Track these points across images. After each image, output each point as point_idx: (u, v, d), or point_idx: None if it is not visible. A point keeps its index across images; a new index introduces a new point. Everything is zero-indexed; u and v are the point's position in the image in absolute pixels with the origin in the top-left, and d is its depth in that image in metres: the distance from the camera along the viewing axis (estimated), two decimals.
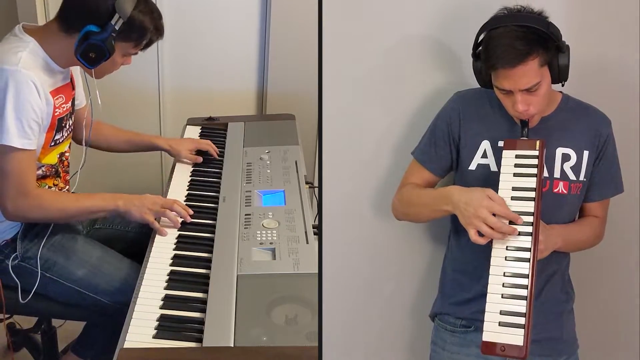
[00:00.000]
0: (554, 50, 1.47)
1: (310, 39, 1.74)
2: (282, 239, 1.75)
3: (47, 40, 1.79)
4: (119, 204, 1.85)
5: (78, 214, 1.86)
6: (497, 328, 1.40)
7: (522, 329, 1.38)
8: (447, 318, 1.68)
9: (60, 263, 1.84)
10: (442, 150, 1.64)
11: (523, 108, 1.47)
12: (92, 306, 1.84)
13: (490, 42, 1.47)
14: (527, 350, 1.37)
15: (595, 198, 1.63)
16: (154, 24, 1.83)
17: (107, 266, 1.87)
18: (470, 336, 1.62)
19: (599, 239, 1.67)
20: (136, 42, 1.83)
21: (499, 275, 1.43)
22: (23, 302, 1.81)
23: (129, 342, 1.41)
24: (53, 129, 1.84)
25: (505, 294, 1.42)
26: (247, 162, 2.22)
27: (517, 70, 1.44)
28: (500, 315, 1.41)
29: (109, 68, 1.87)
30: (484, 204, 1.43)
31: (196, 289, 1.60)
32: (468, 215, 1.45)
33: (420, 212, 1.65)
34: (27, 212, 1.79)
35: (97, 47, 1.74)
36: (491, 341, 1.40)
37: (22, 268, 1.83)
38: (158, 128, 2.96)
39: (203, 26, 2.82)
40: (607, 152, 1.60)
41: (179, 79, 2.89)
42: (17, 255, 1.83)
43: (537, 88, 1.47)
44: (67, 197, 1.92)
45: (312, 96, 1.62)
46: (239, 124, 2.56)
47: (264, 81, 2.90)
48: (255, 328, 1.42)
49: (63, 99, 1.86)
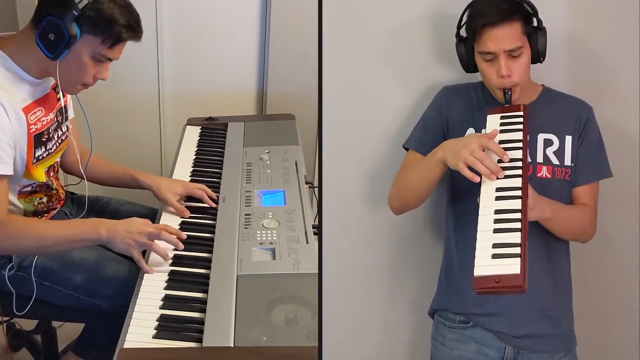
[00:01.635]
0: (532, 26, 1.56)
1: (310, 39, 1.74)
2: (282, 239, 1.75)
3: (18, 48, 1.68)
4: (101, 232, 1.67)
5: (56, 243, 1.68)
6: (490, 261, 1.31)
7: (518, 258, 1.29)
8: (446, 314, 1.68)
9: (56, 270, 1.79)
10: (435, 135, 1.67)
11: (506, 72, 1.52)
12: (91, 310, 1.82)
13: (475, 7, 1.56)
14: (525, 279, 1.27)
15: (580, 182, 1.63)
16: (127, 18, 1.66)
17: (105, 270, 1.82)
18: (469, 332, 1.62)
19: (589, 229, 1.65)
20: (103, 36, 1.65)
21: (489, 215, 1.39)
22: (19, 313, 1.77)
23: (129, 342, 1.41)
24: (32, 147, 1.72)
25: (497, 229, 1.35)
26: (247, 162, 2.22)
27: (501, 29, 1.51)
28: (492, 248, 1.32)
29: (78, 73, 1.69)
30: (475, 138, 1.46)
31: (196, 289, 1.59)
32: (457, 150, 1.46)
33: (415, 181, 1.63)
34: (2, 242, 1.66)
35: (56, 25, 1.58)
36: (484, 275, 1.29)
37: (18, 278, 1.78)
38: (158, 128, 2.96)
39: (203, 26, 2.82)
40: (588, 135, 1.62)
41: (179, 79, 2.89)
42: (13, 265, 1.78)
43: (520, 54, 1.53)
44: (44, 224, 1.78)
45: (312, 96, 1.62)
46: (239, 124, 2.56)
47: (264, 81, 2.90)
48: (255, 328, 1.42)
49: (42, 112, 1.75)
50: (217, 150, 2.37)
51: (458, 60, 1.65)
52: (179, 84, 2.90)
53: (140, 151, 2.86)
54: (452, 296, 1.67)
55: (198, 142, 2.45)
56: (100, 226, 1.68)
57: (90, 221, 1.74)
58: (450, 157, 1.49)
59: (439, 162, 1.53)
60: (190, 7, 2.79)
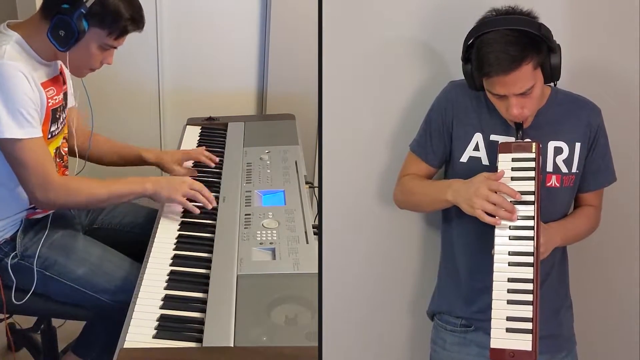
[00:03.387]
0: (546, 52, 1.46)
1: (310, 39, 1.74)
2: (282, 239, 1.75)
3: (31, 33, 1.76)
4: (147, 187, 1.88)
5: (108, 198, 1.87)
6: (505, 334, 1.40)
7: (530, 334, 1.38)
8: (447, 318, 1.68)
9: (60, 261, 1.83)
10: (437, 140, 1.64)
11: (517, 112, 1.47)
12: (92, 305, 1.84)
13: (482, 48, 1.44)
14: (536, 354, 1.37)
15: (590, 188, 1.63)
16: (130, 12, 1.77)
17: (107, 264, 1.86)
18: (471, 336, 1.62)
19: (595, 227, 1.68)
20: (110, 30, 1.76)
21: (503, 282, 1.43)
22: (18, 302, 1.80)
23: (129, 342, 1.41)
24: (48, 121, 1.82)
25: (511, 300, 1.41)
26: (247, 162, 2.22)
27: (511, 77, 1.42)
28: (506, 321, 1.41)
29: (85, 60, 1.81)
30: (484, 182, 1.45)
31: (196, 289, 1.60)
32: (469, 196, 1.46)
33: (421, 200, 1.66)
34: (57, 200, 1.79)
35: (66, 23, 1.69)
36: (500, 348, 1.40)
37: (21, 266, 1.82)
38: (158, 128, 2.96)
39: (203, 26, 2.82)
40: (599, 143, 1.60)
41: (179, 79, 2.89)
42: (16, 253, 1.83)
43: (531, 91, 1.46)
44: (94, 182, 1.88)
45: (312, 96, 1.62)
46: (239, 124, 2.56)
47: (264, 81, 2.90)
48: (255, 328, 1.42)
49: (54, 91, 1.84)
50: (217, 150, 2.37)
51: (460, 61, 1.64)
52: (179, 84, 2.90)
53: None
54: (455, 300, 1.66)
55: (198, 142, 2.45)
56: (146, 182, 1.89)
57: (135, 178, 1.92)
58: (463, 204, 1.48)
59: (448, 203, 1.54)
60: (190, 7, 2.79)
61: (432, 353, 1.72)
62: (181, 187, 1.91)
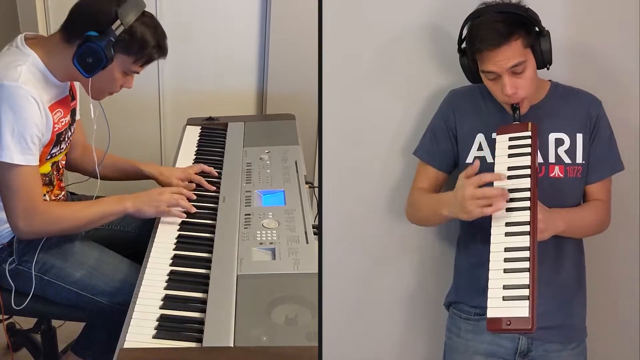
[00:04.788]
0: (535, 34, 1.52)
1: (310, 39, 1.74)
2: (282, 239, 1.75)
3: (48, 52, 1.76)
4: (127, 205, 1.85)
5: (89, 221, 1.84)
6: (501, 303, 1.39)
7: (527, 300, 1.36)
8: (462, 306, 1.69)
9: (57, 265, 1.82)
10: (443, 145, 1.67)
11: (511, 90, 1.51)
12: (91, 307, 1.83)
13: (473, 29, 1.53)
14: (533, 321, 1.35)
15: (593, 179, 1.64)
16: (156, 39, 1.80)
17: (105, 267, 1.85)
18: (484, 324, 1.62)
19: (604, 223, 1.67)
20: (136, 57, 1.78)
21: (500, 252, 1.43)
22: (18, 307, 1.80)
23: (129, 342, 1.41)
24: (51, 144, 1.81)
25: (507, 269, 1.40)
26: (247, 162, 2.22)
27: (501, 51, 1.48)
28: (503, 289, 1.39)
29: (108, 85, 1.82)
30: (466, 183, 1.46)
31: (196, 289, 1.59)
32: (460, 205, 1.47)
33: (426, 216, 1.70)
34: (40, 228, 1.78)
35: (95, 51, 1.69)
36: (496, 317, 1.38)
37: (19, 271, 1.81)
38: (158, 128, 2.96)
39: (203, 26, 2.82)
40: (600, 132, 1.62)
41: (179, 79, 2.89)
42: (14, 259, 1.82)
43: (523, 69, 1.51)
44: (75, 206, 1.89)
45: (312, 96, 1.62)
46: (239, 124, 2.56)
47: (264, 81, 2.90)
48: (255, 328, 1.42)
49: (61, 113, 1.83)
50: (217, 150, 2.37)
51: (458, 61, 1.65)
52: (179, 84, 2.90)
53: (140, 151, 2.85)
54: (471, 293, 1.66)
55: (198, 142, 2.45)
56: (125, 200, 1.86)
57: (113, 198, 1.88)
58: (461, 214, 1.49)
59: (447, 217, 1.55)
60: (190, 7, 2.79)
61: (446, 340, 1.74)
62: (163, 198, 1.89)
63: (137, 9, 1.76)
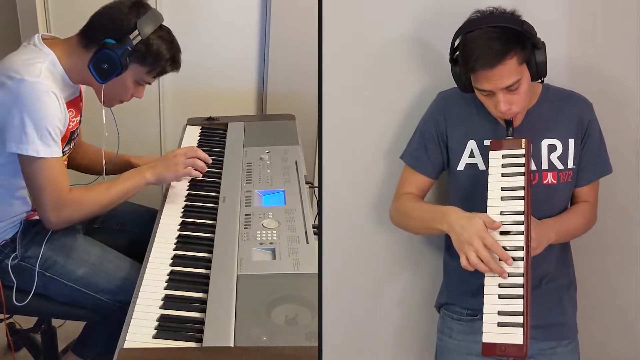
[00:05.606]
0: (530, 48, 1.49)
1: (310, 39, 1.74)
2: (282, 239, 1.75)
3: (66, 54, 1.80)
4: (147, 176, 1.92)
5: (113, 201, 1.87)
6: (496, 329, 1.41)
7: (521, 328, 1.38)
8: (454, 308, 1.70)
9: (60, 262, 1.84)
10: (433, 152, 1.66)
11: (505, 108, 1.49)
12: (92, 305, 1.84)
13: (467, 45, 1.48)
14: (527, 348, 1.37)
15: (583, 183, 1.64)
16: (172, 53, 1.85)
17: (107, 265, 1.87)
18: (477, 324, 1.61)
19: (591, 223, 1.68)
20: (150, 68, 1.84)
21: (494, 277, 1.43)
22: (19, 304, 1.81)
23: (129, 342, 1.41)
24: (65, 141, 1.84)
25: (502, 294, 1.42)
26: (247, 162, 2.22)
27: (496, 71, 1.45)
28: (498, 315, 1.41)
29: (119, 93, 1.87)
30: (480, 234, 1.43)
31: (196, 289, 1.59)
32: (462, 240, 1.45)
33: (416, 225, 1.68)
34: (70, 217, 1.82)
35: (111, 58, 1.75)
36: (491, 342, 1.40)
37: (21, 268, 1.83)
38: (158, 128, 2.96)
39: (203, 26, 2.82)
40: (591, 137, 1.61)
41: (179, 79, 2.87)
42: (16, 255, 1.83)
43: (518, 86, 1.48)
44: (98, 189, 1.89)
45: (312, 96, 1.62)
46: (239, 124, 2.56)
47: (264, 81, 2.90)
48: (255, 328, 1.42)
49: (73, 113, 1.88)
50: (217, 150, 2.37)
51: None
52: (179, 84, 2.89)
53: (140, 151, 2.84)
54: (462, 294, 1.67)
55: (198, 142, 2.45)
56: (144, 172, 1.93)
57: (133, 172, 1.94)
58: (454, 239, 1.48)
59: (442, 232, 1.54)
60: (190, 6, 2.79)
61: (438, 342, 1.73)
62: (179, 160, 1.96)
63: (156, 21, 1.82)
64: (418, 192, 1.69)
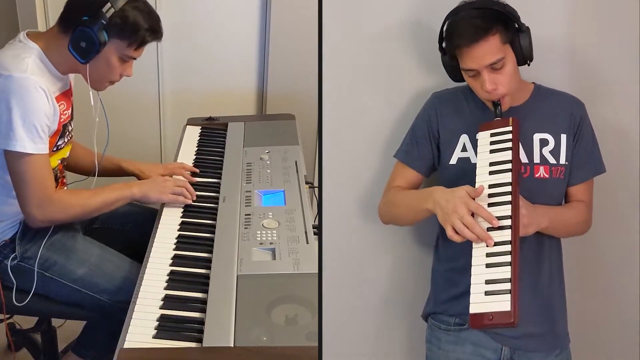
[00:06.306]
0: (514, 30, 1.53)
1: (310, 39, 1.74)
2: (282, 239, 1.75)
3: (49, 46, 1.80)
4: (134, 191, 1.93)
5: (98, 208, 1.88)
6: (484, 298, 1.37)
7: (509, 294, 1.34)
8: (441, 317, 1.67)
9: (60, 262, 1.84)
10: (424, 147, 1.67)
11: (491, 87, 1.51)
12: (92, 305, 1.84)
13: (451, 25, 1.54)
14: (516, 314, 1.33)
15: (576, 181, 1.64)
16: (150, 23, 1.82)
17: (107, 265, 1.87)
18: (465, 334, 1.62)
19: (586, 224, 1.67)
20: (130, 41, 1.80)
21: (482, 247, 1.42)
22: (19, 304, 1.81)
23: (129, 342, 1.41)
24: (57, 135, 1.84)
25: (489, 263, 1.40)
26: (247, 162, 2.22)
27: (479, 47, 1.49)
28: (485, 284, 1.38)
29: (106, 72, 1.85)
30: (464, 200, 1.44)
31: (196, 289, 1.60)
32: (447, 211, 1.45)
33: (404, 213, 1.67)
34: (53, 216, 1.82)
35: (87, 34, 1.73)
36: (478, 312, 1.36)
37: (21, 268, 1.83)
38: (158, 128, 2.96)
39: (203, 26, 2.82)
40: (583, 134, 1.62)
41: (179, 79, 2.90)
42: (16, 255, 1.83)
43: (502, 65, 1.51)
44: (85, 194, 1.90)
45: (312, 96, 1.62)
46: (239, 124, 2.56)
47: (264, 81, 2.90)
48: (255, 328, 1.42)
49: (65, 106, 1.87)
50: (217, 150, 2.37)
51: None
52: (179, 84, 2.90)
53: (140, 151, 2.86)
54: (449, 301, 1.65)
55: (198, 142, 2.45)
56: (131, 186, 1.95)
57: (121, 185, 1.95)
58: (439, 214, 1.48)
59: (428, 212, 1.53)
60: (190, 7, 2.79)
61: (427, 352, 1.72)
62: (168, 185, 1.97)
63: None
64: (407, 186, 1.69)
